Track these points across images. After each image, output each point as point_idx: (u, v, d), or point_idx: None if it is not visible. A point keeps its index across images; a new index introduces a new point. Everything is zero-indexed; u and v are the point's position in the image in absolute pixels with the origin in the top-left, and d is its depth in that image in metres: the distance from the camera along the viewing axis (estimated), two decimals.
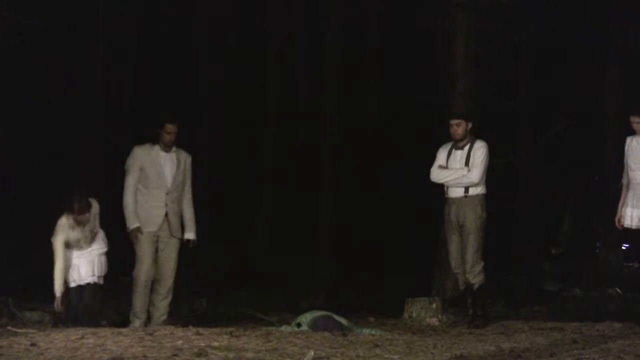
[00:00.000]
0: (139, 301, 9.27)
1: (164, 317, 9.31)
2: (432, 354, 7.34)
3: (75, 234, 9.11)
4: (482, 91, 12.74)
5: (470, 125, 9.26)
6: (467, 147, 9.22)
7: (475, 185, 9.17)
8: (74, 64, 16.61)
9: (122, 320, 9.65)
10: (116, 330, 8.04)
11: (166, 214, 9.33)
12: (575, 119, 15.17)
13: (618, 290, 12.69)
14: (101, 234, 9.32)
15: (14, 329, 8.45)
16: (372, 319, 10.34)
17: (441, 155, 9.35)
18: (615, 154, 9.62)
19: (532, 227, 16.07)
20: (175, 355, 6.74)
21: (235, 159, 19.63)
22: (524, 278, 13.90)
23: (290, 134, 19.72)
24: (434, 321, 9.61)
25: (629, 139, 9.18)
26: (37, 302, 10.42)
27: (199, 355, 6.76)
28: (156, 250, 9.36)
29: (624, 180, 9.14)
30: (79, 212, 9.04)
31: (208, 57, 19.92)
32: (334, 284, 14.94)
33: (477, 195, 9.23)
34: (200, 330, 8.15)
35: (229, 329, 8.33)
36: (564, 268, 14.75)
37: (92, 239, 9.21)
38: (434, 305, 9.81)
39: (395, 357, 7.08)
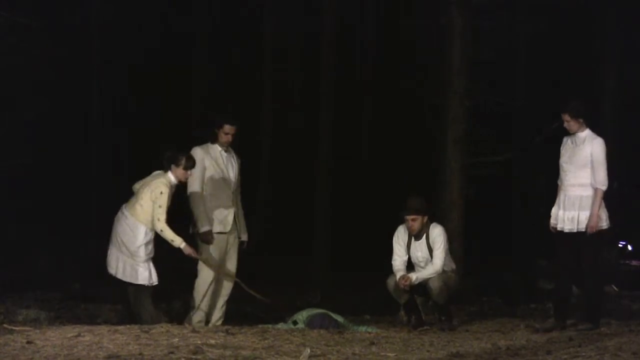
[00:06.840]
0: (211, 307, 9.11)
1: (223, 319, 9.20)
2: (428, 351, 7.34)
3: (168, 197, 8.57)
4: (479, 89, 12.74)
5: (426, 218, 9.10)
6: (424, 236, 9.12)
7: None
8: (72, 64, 16.63)
9: (118, 318, 9.63)
10: (112, 327, 8.02)
11: (234, 214, 9.16)
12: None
13: (615, 287, 12.70)
14: None
15: (9, 327, 8.43)
16: (368, 317, 10.35)
17: (400, 247, 9.21)
18: (611, 154, 9.55)
19: (529, 225, 16.06)
20: (172, 353, 6.72)
21: None
22: (520, 276, 13.90)
23: (287, 133, 19.70)
24: (430, 319, 9.60)
25: (564, 139, 9.01)
26: (33, 300, 10.43)
27: (195, 353, 6.74)
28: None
29: (558, 181, 8.97)
30: (185, 167, 8.64)
31: (206, 57, 19.92)
32: (330, 282, 14.90)
33: None
34: (196, 327, 8.15)
35: (225, 327, 8.34)
36: None
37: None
38: (431, 303, 9.79)
39: (392, 354, 7.08)
